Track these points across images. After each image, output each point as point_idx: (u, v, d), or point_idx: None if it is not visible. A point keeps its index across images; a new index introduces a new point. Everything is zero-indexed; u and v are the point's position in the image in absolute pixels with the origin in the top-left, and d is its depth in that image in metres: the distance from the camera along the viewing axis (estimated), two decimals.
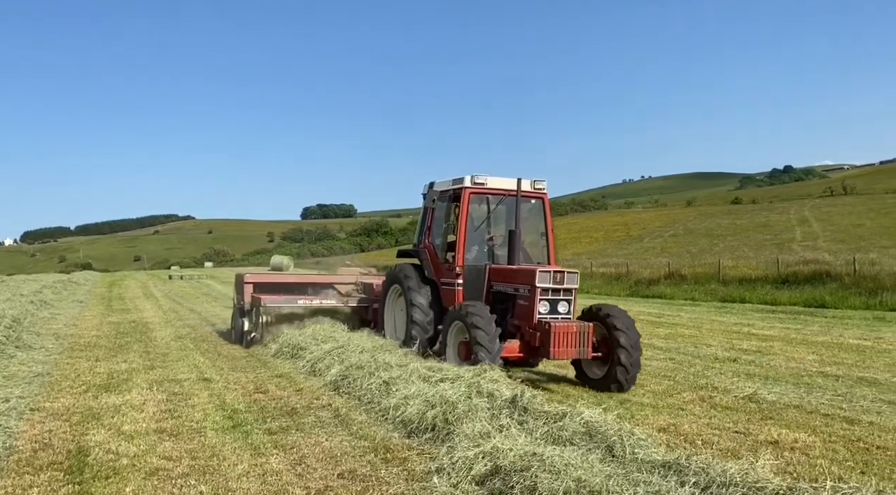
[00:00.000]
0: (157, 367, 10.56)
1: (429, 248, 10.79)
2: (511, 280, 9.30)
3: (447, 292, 10.20)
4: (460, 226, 9.94)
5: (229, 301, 26.01)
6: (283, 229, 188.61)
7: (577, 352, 8.57)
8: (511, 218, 10.01)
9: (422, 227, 11.09)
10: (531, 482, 4.72)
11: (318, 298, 13.01)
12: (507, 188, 10.13)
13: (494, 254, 10.37)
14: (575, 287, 9.01)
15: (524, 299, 8.97)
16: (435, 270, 10.54)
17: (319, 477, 5.42)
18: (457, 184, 10.20)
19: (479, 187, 10.11)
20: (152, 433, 6.70)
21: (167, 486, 5.19)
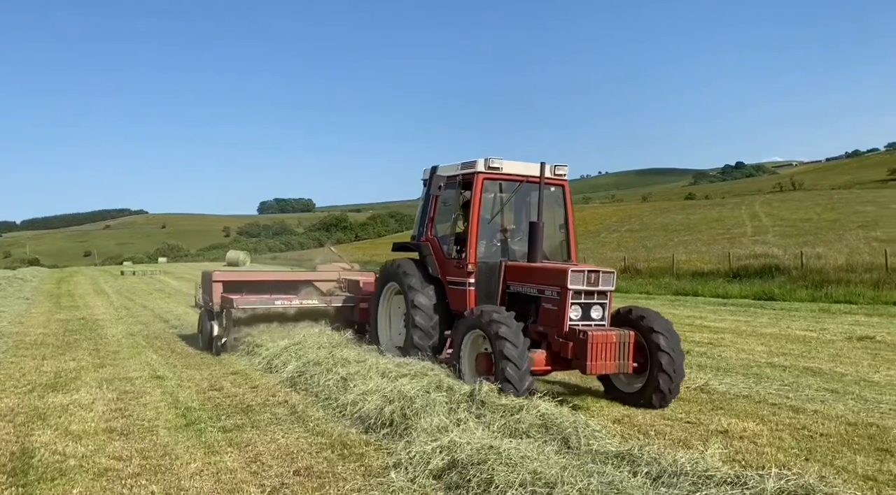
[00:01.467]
0: (108, 365, 10.29)
1: (432, 242, 9.48)
2: (534, 280, 8.08)
3: (455, 293, 8.93)
4: (472, 217, 8.66)
5: (184, 297, 25.49)
6: (239, 224, 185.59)
7: (616, 366, 7.39)
8: (530, 208, 9.07)
9: (423, 218, 9.74)
10: (488, 475, 4.75)
11: (298, 298, 11.70)
12: (525, 174, 8.95)
13: (510, 249, 9.19)
14: (611, 289, 7.82)
15: (551, 302, 7.75)
16: (440, 267, 9.23)
17: (275, 474, 5.36)
18: (467, 168, 8.94)
19: (494, 172, 8.83)
20: (101, 432, 6.53)
21: (116, 487, 5.06)
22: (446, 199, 9.45)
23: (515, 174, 8.98)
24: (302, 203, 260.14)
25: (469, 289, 8.65)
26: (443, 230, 9.54)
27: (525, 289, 8.24)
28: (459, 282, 8.83)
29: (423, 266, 9.47)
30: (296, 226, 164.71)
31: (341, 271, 13.29)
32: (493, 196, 9.20)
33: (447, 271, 9.14)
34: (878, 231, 36.50)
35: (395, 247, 10.35)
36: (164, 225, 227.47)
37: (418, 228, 9.86)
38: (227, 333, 11.14)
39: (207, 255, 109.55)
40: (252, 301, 11.25)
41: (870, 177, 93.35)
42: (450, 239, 9.28)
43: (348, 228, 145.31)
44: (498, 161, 8.75)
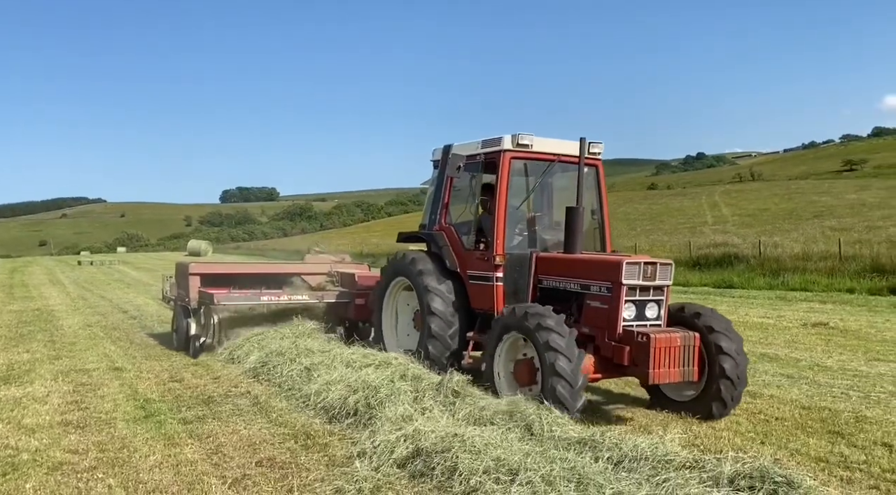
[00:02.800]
0: (64, 357, 10.04)
1: (448, 231, 8.39)
2: (576, 273, 7.12)
3: (478, 289, 7.89)
4: (499, 202, 7.61)
5: (144, 287, 24.99)
6: (201, 213, 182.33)
7: (680, 373, 6.47)
8: (556, 192, 8.38)
9: (435, 204, 8.61)
10: (452, 462, 4.76)
11: (287, 293, 10.59)
12: (559, 152, 7.96)
13: (539, 238, 8.25)
14: (669, 283, 6.94)
15: (600, 300, 6.80)
16: (458, 260, 8.16)
17: (237, 465, 5.30)
18: (491, 146, 7.87)
19: (523, 151, 7.77)
20: (56, 426, 6.37)
21: (72, 481, 4.95)
22: (464, 182, 8.42)
23: (547, 152, 7.92)
24: (265, 192, 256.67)
25: (496, 284, 7.60)
26: (457, 218, 8.53)
27: (562, 283, 7.24)
28: (483, 277, 7.78)
29: (437, 259, 8.36)
30: (259, 216, 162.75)
31: (332, 263, 12.04)
32: (520, 178, 8.22)
33: (467, 264, 8.07)
34: (832, 220, 37.54)
35: (401, 237, 9.27)
36: (123, 214, 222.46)
37: (429, 216, 8.69)
38: (205, 332, 10.05)
39: (168, 245, 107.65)
40: (234, 296, 10.15)
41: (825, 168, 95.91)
42: (470, 227, 8.20)
43: (313, 218, 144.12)
44: (528, 137, 7.67)
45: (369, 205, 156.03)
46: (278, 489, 4.79)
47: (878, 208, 40.11)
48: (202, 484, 4.87)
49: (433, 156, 8.89)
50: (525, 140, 7.68)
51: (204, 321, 10.12)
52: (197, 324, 10.17)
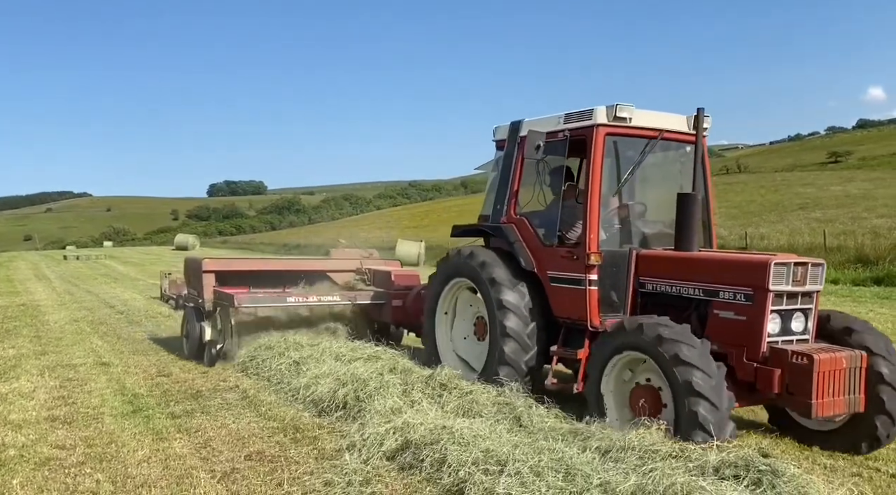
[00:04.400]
0: (50, 352, 9.97)
1: (520, 224, 7.07)
2: (698, 276, 5.88)
3: (563, 294, 6.56)
4: (591, 189, 6.30)
5: (131, 282, 24.82)
6: (188, 207, 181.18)
7: (846, 403, 5.28)
8: (658, 175, 7.21)
9: (502, 191, 7.30)
10: (441, 455, 4.79)
11: (316, 294, 9.27)
12: (663, 127, 6.66)
13: (635, 232, 6.88)
14: (819, 288, 5.75)
15: (735, 310, 5.54)
16: (535, 258, 6.85)
17: (226, 459, 5.30)
18: (579, 120, 6.55)
19: (621, 126, 6.46)
20: (43, 421, 6.35)
21: (59, 476, 4.93)
22: (539, 165, 7.04)
23: (648, 128, 6.62)
24: (253, 185, 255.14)
25: (589, 289, 6.27)
26: (540, 207, 7.19)
27: (675, 288, 6.03)
28: (570, 280, 6.45)
29: (507, 258, 7.01)
30: (247, 210, 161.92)
31: (361, 259, 10.68)
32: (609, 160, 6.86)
33: (548, 264, 6.73)
34: (817, 212, 37.85)
35: (457, 231, 7.89)
36: (110, 208, 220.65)
37: (494, 206, 7.40)
38: (223, 338, 8.92)
39: (155, 239, 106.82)
40: (257, 297, 8.89)
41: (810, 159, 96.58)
42: (550, 219, 6.87)
43: (301, 211, 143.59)
44: (627, 109, 6.39)
45: (357, 199, 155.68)
46: (267, 482, 4.80)
47: (863, 199, 40.49)
48: (191, 479, 4.87)
49: (495, 136, 7.64)
50: (624, 112, 6.38)
51: (221, 325, 8.95)
52: (213, 329, 9.03)
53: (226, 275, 9.42)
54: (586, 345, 6.24)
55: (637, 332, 5.39)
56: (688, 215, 6.19)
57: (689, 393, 4.96)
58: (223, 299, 8.83)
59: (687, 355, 5.05)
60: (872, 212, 33.87)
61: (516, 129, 7.28)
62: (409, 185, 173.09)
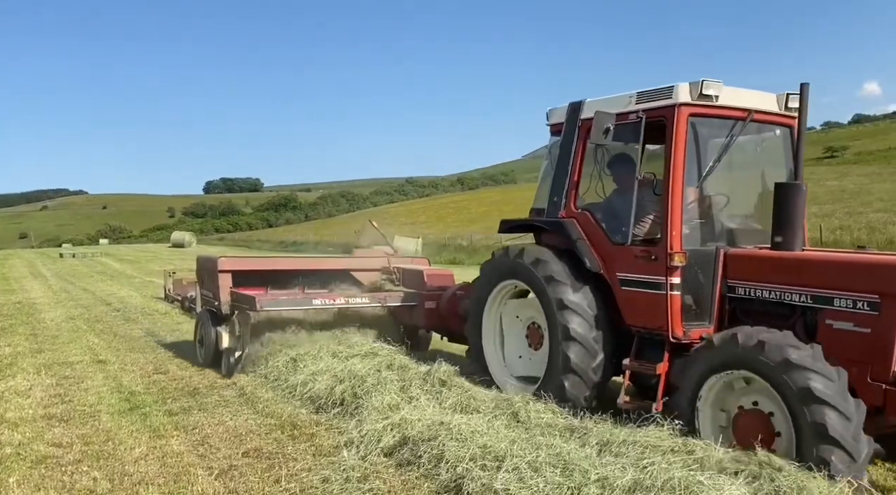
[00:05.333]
0: (46, 350, 9.94)
1: (582, 219, 6.25)
2: (807, 280, 5.06)
3: (637, 300, 5.74)
4: (673, 178, 5.46)
5: (127, 279, 24.77)
6: (184, 204, 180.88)
7: None
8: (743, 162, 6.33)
9: (559, 181, 6.47)
10: (438, 450, 4.79)
11: (343, 295, 8.41)
12: (754, 107, 5.81)
13: (720, 228, 6.07)
14: None
15: (855, 321, 4.74)
16: (602, 257, 6.02)
17: (223, 456, 5.29)
18: (657, 99, 5.68)
19: (706, 105, 5.60)
20: (40, 419, 6.33)
21: (56, 474, 4.92)
22: (606, 153, 6.28)
23: (738, 108, 5.76)
24: (249, 182, 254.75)
25: (671, 294, 5.44)
26: (608, 200, 6.39)
27: (776, 294, 5.21)
28: (647, 283, 5.63)
29: (567, 256, 6.20)
30: (243, 207, 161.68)
31: (388, 257, 9.96)
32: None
33: (617, 264, 5.91)
34: (813, 207, 37.86)
35: (505, 226, 7.08)
36: (105, 205, 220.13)
37: (550, 198, 6.56)
38: (242, 344, 8.15)
39: (152, 237, 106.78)
40: (280, 299, 8.15)
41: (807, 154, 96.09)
42: (620, 213, 5.99)
43: (298, 208, 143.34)
44: (714, 85, 5.52)
45: (354, 196, 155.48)
46: (265, 479, 4.79)
47: (858, 194, 40.57)
48: (188, 476, 4.86)
49: (549, 120, 6.85)
50: (710, 89, 5.53)
51: (240, 330, 8.18)
52: (230, 335, 8.23)
53: (242, 276, 8.61)
54: (666, 358, 5.44)
55: (755, 350, 4.51)
56: (791, 208, 5.36)
57: (820, 437, 4.17)
58: (242, 302, 8.00)
59: (822, 391, 4.23)
60: (868, 206, 33.96)
61: (576, 111, 6.41)
62: (405, 182, 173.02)
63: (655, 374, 5.51)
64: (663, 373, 5.43)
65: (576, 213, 6.32)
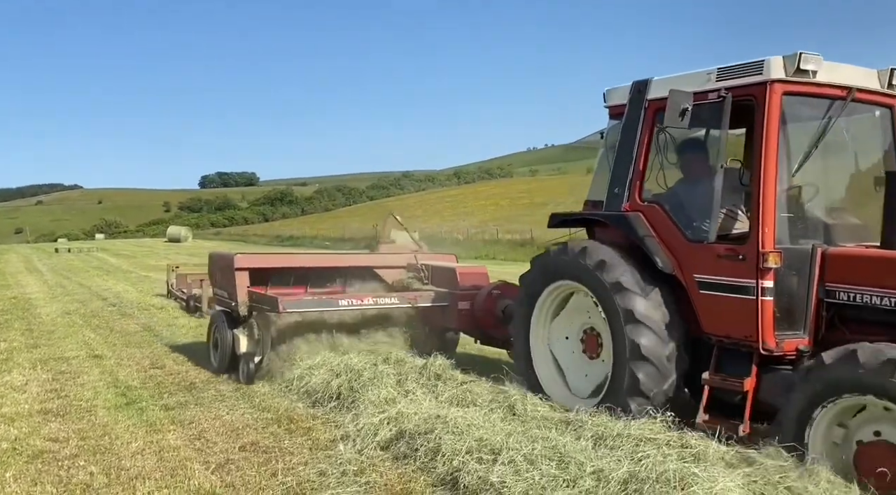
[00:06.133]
0: (42, 345, 9.92)
1: (649, 212, 5.54)
2: None
3: (719, 305, 5.05)
4: (765, 165, 4.76)
5: (123, 274, 24.70)
6: (180, 198, 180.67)
7: None
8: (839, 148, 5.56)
9: (621, 170, 5.76)
10: (435, 444, 4.80)
11: (372, 295, 7.75)
12: (856, 85, 5.06)
13: (815, 222, 5.39)
14: None
15: None
16: (675, 256, 5.33)
17: (220, 450, 5.30)
18: (743, 76, 4.96)
19: (803, 82, 4.88)
20: (36, 414, 6.32)
21: (53, 469, 4.92)
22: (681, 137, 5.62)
23: (838, 85, 5.02)
24: (245, 177, 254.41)
25: (762, 299, 4.76)
26: (684, 190, 5.65)
27: (888, 300, 4.49)
28: (732, 286, 4.93)
29: (631, 254, 5.50)
30: (239, 201, 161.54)
31: (415, 253, 9.15)
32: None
33: (694, 264, 5.21)
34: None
35: (556, 220, 6.36)
36: (101, 200, 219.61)
37: (610, 189, 5.85)
38: (262, 349, 7.50)
39: (147, 231, 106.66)
40: (303, 300, 7.58)
41: None
42: (699, 206, 5.28)
43: (294, 202, 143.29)
44: (814, 59, 4.80)
45: (350, 190, 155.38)
46: (262, 473, 4.80)
47: None
48: (185, 470, 4.86)
49: (608, 101, 6.15)
50: (809, 63, 4.81)
51: (259, 334, 7.52)
52: (249, 338, 7.53)
53: (258, 274, 7.99)
54: (754, 372, 4.82)
55: (883, 372, 3.86)
56: None
57: None
58: (263, 302, 7.40)
59: None
60: None
61: (642, 91, 5.67)
62: (402, 176, 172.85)
63: (741, 391, 4.83)
64: (751, 390, 4.79)
65: (642, 206, 5.58)
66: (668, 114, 4.99)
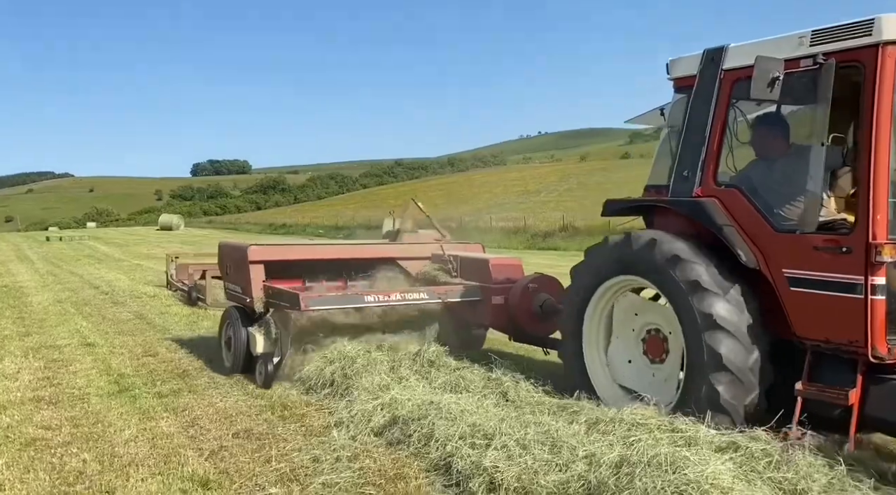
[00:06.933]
0: (34, 333, 9.88)
1: (727, 197, 4.91)
2: None
3: (816, 305, 4.47)
4: (876, 141, 4.22)
5: (115, 262, 24.58)
6: (172, 187, 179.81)
7: None
8: None
9: (690, 150, 5.15)
10: (428, 429, 4.82)
11: (400, 291, 7.05)
12: None
13: None
14: None
15: None
16: (760, 249, 4.71)
17: (213, 437, 5.30)
18: (848, 38, 4.35)
19: None
20: (28, 402, 6.30)
21: (45, 456, 4.90)
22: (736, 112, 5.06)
23: None
24: (237, 164, 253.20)
25: (872, 298, 4.19)
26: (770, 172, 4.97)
27: None
28: (833, 283, 4.37)
29: (703, 245, 4.87)
30: (231, 189, 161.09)
31: (440, 242, 8.43)
32: None
33: (784, 257, 4.62)
34: None
35: (612, 207, 5.75)
36: (92, 188, 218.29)
37: (676, 172, 5.23)
38: (281, 349, 6.87)
39: (139, 220, 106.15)
40: (325, 295, 6.95)
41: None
42: (789, 189, 4.72)
43: (287, 191, 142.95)
44: None
45: (343, 178, 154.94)
46: (256, 459, 4.81)
47: None
48: (179, 457, 4.86)
49: (673, 72, 5.48)
50: None
51: (277, 332, 6.92)
52: (265, 337, 6.91)
53: (274, 266, 7.33)
54: (859, 382, 4.28)
55: None
56: None
57: None
58: (281, 298, 6.74)
59: None
60: None
61: (717, 60, 5.01)
62: (395, 164, 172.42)
63: (845, 404, 4.25)
64: (856, 403, 4.24)
65: (717, 191, 4.96)
66: (756, 84, 4.35)
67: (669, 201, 5.25)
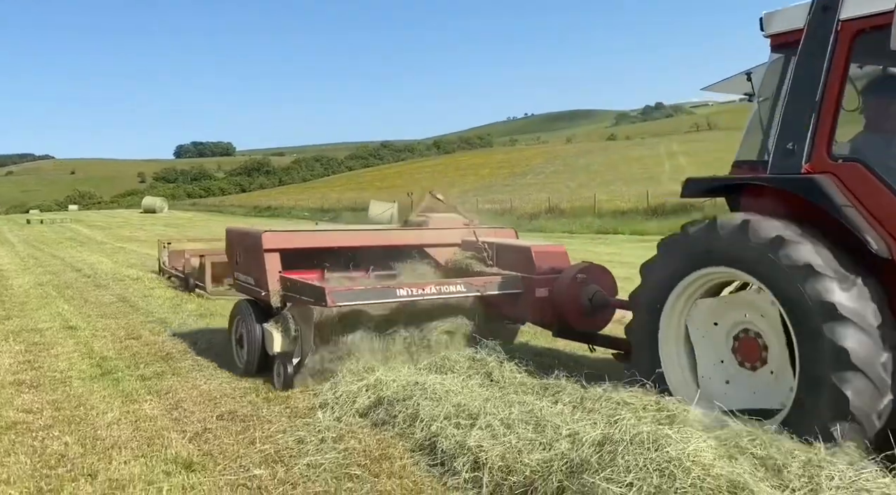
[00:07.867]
0: (14, 317, 9.77)
1: (848, 173, 4.11)
2: None
3: None
4: None
5: (97, 245, 24.35)
6: (155, 169, 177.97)
7: None
8: None
9: (796, 118, 4.36)
10: (413, 410, 4.82)
11: (435, 283, 6.25)
12: None
13: None
14: None
15: None
16: (891, 233, 3.97)
17: (197, 420, 5.27)
18: None
19: None
20: (8, 385, 6.24)
21: (27, 440, 4.86)
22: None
23: None
24: (221, 146, 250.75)
25: None
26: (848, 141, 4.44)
27: None
28: None
29: (822, 232, 4.10)
30: (215, 171, 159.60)
31: (472, 227, 7.67)
32: None
33: None
34: None
35: (691, 187, 5.01)
36: (74, 171, 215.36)
37: (779, 144, 4.44)
38: (302, 348, 6.13)
39: (122, 202, 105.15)
40: (357, 291, 5.92)
41: None
42: None
43: (271, 173, 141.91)
44: None
45: (329, 160, 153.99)
46: (240, 441, 4.79)
47: None
48: (162, 439, 4.83)
49: (770, 28, 4.66)
50: None
51: (297, 330, 6.15)
52: (284, 335, 6.18)
53: (292, 255, 6.57)
54: None
55: None
56: None
57: None
58: (303, 292, 5.97)
59: None
60: None
61: (831, 9, 4.20)
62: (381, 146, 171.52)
63: None
64: None
65: (833, 166, 4.16)
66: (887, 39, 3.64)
67: (770, 179, 4.45)
